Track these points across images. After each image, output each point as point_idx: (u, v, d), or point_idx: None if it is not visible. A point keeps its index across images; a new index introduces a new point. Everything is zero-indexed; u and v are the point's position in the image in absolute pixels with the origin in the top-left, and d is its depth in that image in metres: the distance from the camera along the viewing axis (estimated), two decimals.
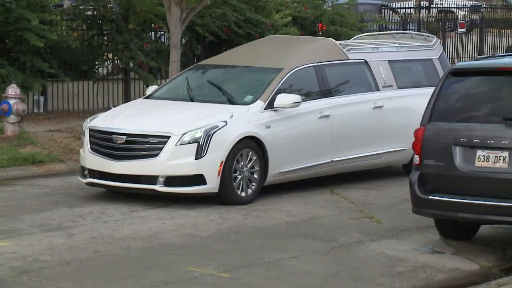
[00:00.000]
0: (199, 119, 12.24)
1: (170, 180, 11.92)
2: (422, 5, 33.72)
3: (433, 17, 31.14)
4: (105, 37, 19.58)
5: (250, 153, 12.26)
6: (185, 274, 9.20)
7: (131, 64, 19.66)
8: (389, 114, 13.94)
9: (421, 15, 29.70)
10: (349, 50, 13.94)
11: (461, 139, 10.10)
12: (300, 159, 12.84)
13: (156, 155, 11.94)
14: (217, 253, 10.02)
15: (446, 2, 39.58)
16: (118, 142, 12.11)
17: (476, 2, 40.77)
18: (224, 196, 12.05)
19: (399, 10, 30.94)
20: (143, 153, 12.06)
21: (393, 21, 26.86)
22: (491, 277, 9.49)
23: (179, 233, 10.82)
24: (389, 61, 14.28)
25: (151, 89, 13.94)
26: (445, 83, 10.53)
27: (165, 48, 19.42)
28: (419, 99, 13.74)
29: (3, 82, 16.86)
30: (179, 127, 12.09)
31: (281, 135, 12.62)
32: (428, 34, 16.17)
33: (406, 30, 26.35)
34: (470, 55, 28.33)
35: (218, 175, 11.92)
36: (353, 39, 15.90)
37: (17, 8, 17.36)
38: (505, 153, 9.90)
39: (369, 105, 13.78)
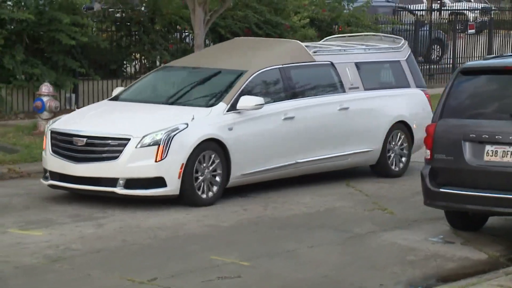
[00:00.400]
0: (160, 122, 11.64)
1: (130, 183, 11.30)
2: (433, 7, 33.54)
3: (445, 19, 31.02)
4: (133, 38, 19.62)
5: (212, 155, 11.63)
6: (208, 262, 9.22)
7: (158, 64, 19.69)
8: (355, 115, 13.33)
9: (433, 17, 29.53)
10: (315, 52, 13.31)
11: (471, 135, 10.08)
12: (264, 160, 12.23)
13: (116, 157, 11.32)
14: (238, 243, 10.04)
15: (458, 5, 39.56)
16: (79, 144, 11.50)
17: (486, 5, 40.63)
18: (185, 198, 11.46)
19: (415, 12, 30.84)
20: (103, 155, 11.42)
21: (406, 22, 26.73)
22: (499, 266, 9.46)
23: (202, 223, 10.84)
24: (356, 63, 13.67)
25: (117, 90, 13.29)
26: (455, 82, 10.50)
27: (190, 48, 19.42)
28: (385, 100, 13.73)
29: (37, 80, 16.96)
30: (140, 129, 11.46)
31: (244, 137, 12.00)
32: (396, 37, 15.53)
33: (418, 32, 26.38)
34: (479, 55, 28.24)
35: (179, 178, 11.31)
36: (323, 41, 15.22)
37: (50, 10, 17.43)
38: None
39: (335, 106, 13.14)
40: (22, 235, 10.04)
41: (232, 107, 11.97)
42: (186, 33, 20.25)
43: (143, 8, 19.73)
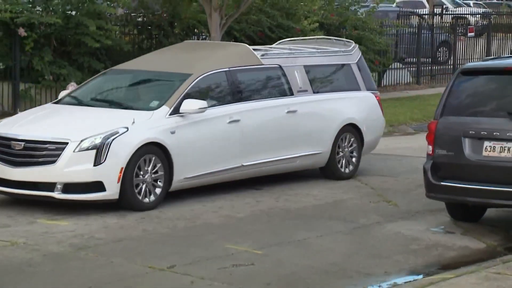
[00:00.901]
0: (100, 125, 10.90)
1: (68, 187, 10.56)
2: (435, 12, 33.46)
3: (447, 23, 30.94)
4: (154, 41, 19.61)
5: (154, 159, 10.84)
6: (223, 251, 9.22)
7: None
8: (303, 118, 12.53)
9: (435, 20, 29.46)
10: (263, 56, 12.51)
11: (470, 132, 10.06)
12: (208, 164, 11.43)
13: (54, 161, 10.56)
14: (251, 232, 10.03)
15: (460, 10, 39.48)
16: (16, 148, 10.72)
17: (486, 9, 40.51)
18: (124, 203, 10.70)
19: (423, 16, 30.84)
20: (41, 159, 10.65)
21: (410, 25, 26.67)
22: (496, 254, 9.44)
23: (218, 214, 10.84)
24: (305, 66, 12.83)
25: (62, 93, 12.40)
26: (455, 82, 10.48)
27: None
28: (334, 103, 13.02)
29: (64, 80, 16.99)
30: (79, 133, 10.74)
31: (187, 140, 11.20)
32: (347, 40, 14.56)
33: (421, 34, 26.28)
34: (479, 57, 28.17)
35: (118, 182, 10.57)
36: (276, 44, 14.38)
37: (77, 15, 17.45)
38: (510, 144, 9.85)
39: (283, 109, 12.34)
40: (50, 225, 10.06)
41: (175, 111, 11.19)
42: (203, 36, 20.23)
43: (163, 13, 19.71)
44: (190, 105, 11.24)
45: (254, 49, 12.74)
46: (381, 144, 16.50)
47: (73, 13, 17.60)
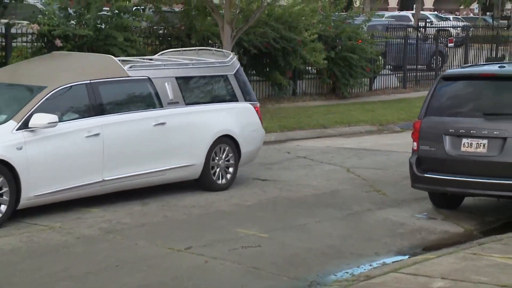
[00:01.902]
0: None
1: None
2: (419, 25, 33.36)
3: (430, 34, 30.85)
4: None
5: None
6: (233, 234, 9.21)
7: None
8: (173, 130, 10.89)
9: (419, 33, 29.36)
10: (130, 67, 10.83)
11: (450, 130, 10.04)
12: (63, 180, 9.79)
13: None
14: (258, 218, 10.02)
15: (443, 23, 39.44)
16: None
17: (465, 23, 40.42)
18: None
19: (421, 28, 30.88)
20: None
21: (397, 37, 26.59)
22: (473, 238, 9.43)
23: (229, 202, 10.82)
24: (177, 78, 11.16)
25: None
26: (437, 86, 10.47)
27: None
28: (209, 115, 11.39)
29: None
30: None
31: (37, 156, 9.53)
32: (227, 51, 12.84)
33: (407, 45, 26.20)
34: (458, 64, 28.11)
35: None
36: (158, 55, 12.65)
37: (106, 28, 17.45)
38: (485, 141, 9.82)
39: (150, 122, 10.66)
40: (82, 211, 10.06)
41: (24, 125, 9.51)
42: (217, 46, 20.20)
43: (181, 25, 19.70)
44: (39, 119, 9.57)
45: (122, 61, 11.21)
46: (372, 141, 16.54)
47: (103, 26, 17.60)
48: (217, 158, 11.44)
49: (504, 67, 10.62)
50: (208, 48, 14.09)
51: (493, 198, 10.61)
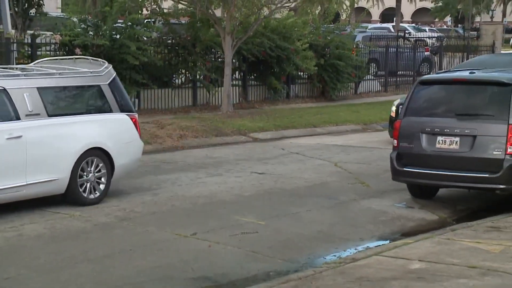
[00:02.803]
0: None
1: None
2: (399, 35, 33.28)
3: (409, 44, 30.81)
4: (180, 58, 19.56)
5: None
6: (234, 221, 9.19)
7: (198, 77, 19.66)
8: (31, 144, 9.11)
9: (399, 42, 29.30)
10: None
11: (426, 129, 10.03)
12: None
13: None
14: (256, 207, 10.00)
15: (420, 34, 39.41)
16: None
17: (440, 34, 40.38)
18: None
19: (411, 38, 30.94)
20: None
21: (379, 46, 26.56)
22: (446, 224, 9.42)
23: (230, 193, 10.80)
24: (39, 88, 9.38)
25: None
26: (415, 90, 10.46)
27: (221, 65, 19.38)
28: (76, 126, 9.65)
29: None
30: None
31: None
32: (102, 60, 10.60)
33: (388, 53, 26.14)
34: (433, 70, 28.08)
35: None
36: (33, 64, 10.72)
37: (120, 38, 17.44)
38: (457, 139, 9.82)
39: (2, 135, 8.93)
40: (100, 202, 10.01)
41: None
42: (219, 54, 20.18)
43: (187, 36, 19.68)
44: None
45: None
46: (356, 139, 16.52)
47: (118, 36, 17.58)
48: (85, 172, 9.73)
49: (474, 73, 10.61)
50: (85, 57, 11.95)
51: (464, 189, 10.61)
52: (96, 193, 9.90)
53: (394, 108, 15.28)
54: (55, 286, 6.87)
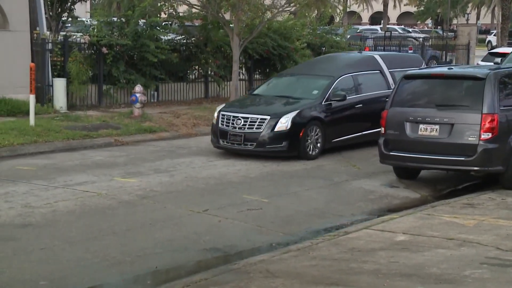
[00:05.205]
0: None
1: None
2: (385, 35, 33.09)
3: (395, 42, 30.63)
4: (193, 56, 19.49)
5: None
6: (240, 199, 9.18)
7: (209, 72, 19.61)
8: None
9: (385, 42, 29.14)
10: None
11: (410, 118, 9.99)
12: None
13: None
14: (260, 187, 9.98)
15: (405, 34, 39.19)
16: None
17: (424, 35, 40.19)
18: None
19: (417, 38, 30.73)
20: None
21: (368, 45, 26.42)
22: (427, 202, 9.41)
23: (238, 175, 10.79)
24: None
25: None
26: (400, 83, 10.43)
27: (230, 63, 19.31)
28: None
29: (133, 83, 16.90)
30: None
31: None
32: None
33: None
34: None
35: None
36: None
37: (141, 39, 17.40)
38: (437, 126, 9.79)
39: None
40: (123, 181, 10.04)
41: None
42: (227, 53, 20.11)
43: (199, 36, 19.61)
44: None
45: None
46: None
47: (139, 37, 17.53)
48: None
49: (452, 68, 10.58)
50: None
51: (443, 171, 10.58)
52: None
53: (216, 114, 12.33)
54: (86, 256, 6.88)
